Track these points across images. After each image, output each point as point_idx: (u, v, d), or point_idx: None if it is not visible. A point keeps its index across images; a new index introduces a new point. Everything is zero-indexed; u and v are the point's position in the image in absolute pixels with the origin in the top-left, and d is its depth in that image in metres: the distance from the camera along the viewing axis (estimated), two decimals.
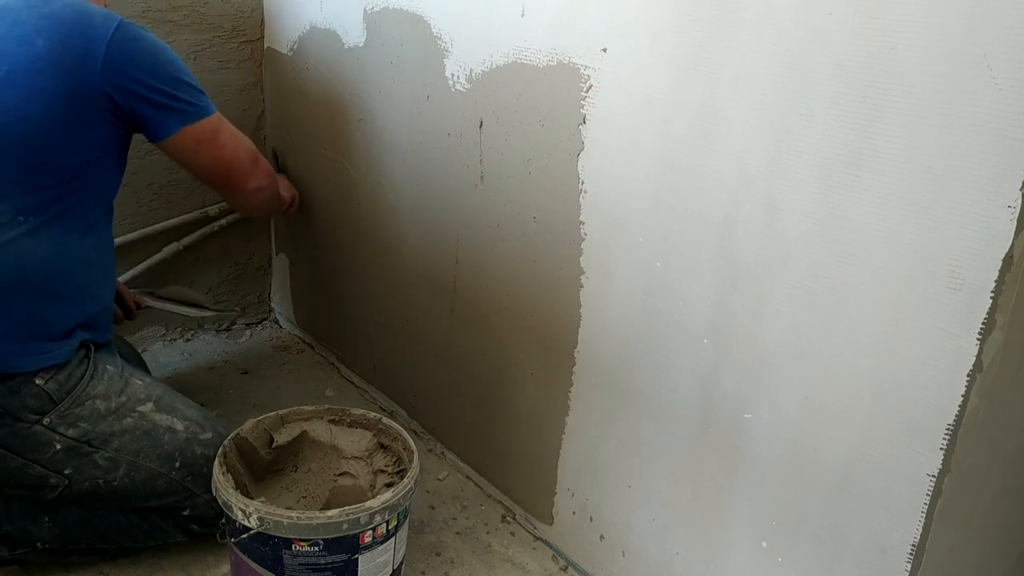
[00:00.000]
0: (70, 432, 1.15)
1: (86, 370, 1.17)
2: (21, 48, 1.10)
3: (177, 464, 1.21)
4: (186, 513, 1.25)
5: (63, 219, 1.16)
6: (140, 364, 1.54)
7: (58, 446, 1.14)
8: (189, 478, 1.22)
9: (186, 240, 1.87)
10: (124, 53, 1.15)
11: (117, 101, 1.16)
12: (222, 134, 1.30)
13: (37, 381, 1.12)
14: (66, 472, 1.16)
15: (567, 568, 1.34)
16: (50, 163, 1.13)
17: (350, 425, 1.28)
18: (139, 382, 1.24)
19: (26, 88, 1.10)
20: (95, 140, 1.16)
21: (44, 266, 1.14)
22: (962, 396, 0.80)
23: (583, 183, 1.15)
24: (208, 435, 1.25)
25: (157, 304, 1.66)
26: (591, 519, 1.28)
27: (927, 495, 0.84)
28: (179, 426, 1.23)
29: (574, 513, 1.31)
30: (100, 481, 1.18)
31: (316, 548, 1.06)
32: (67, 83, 1.11)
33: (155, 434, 1.20)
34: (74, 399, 1.15)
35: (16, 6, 1.14)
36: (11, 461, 1.13)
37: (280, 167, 1.91)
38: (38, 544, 1.20)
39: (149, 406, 1.22)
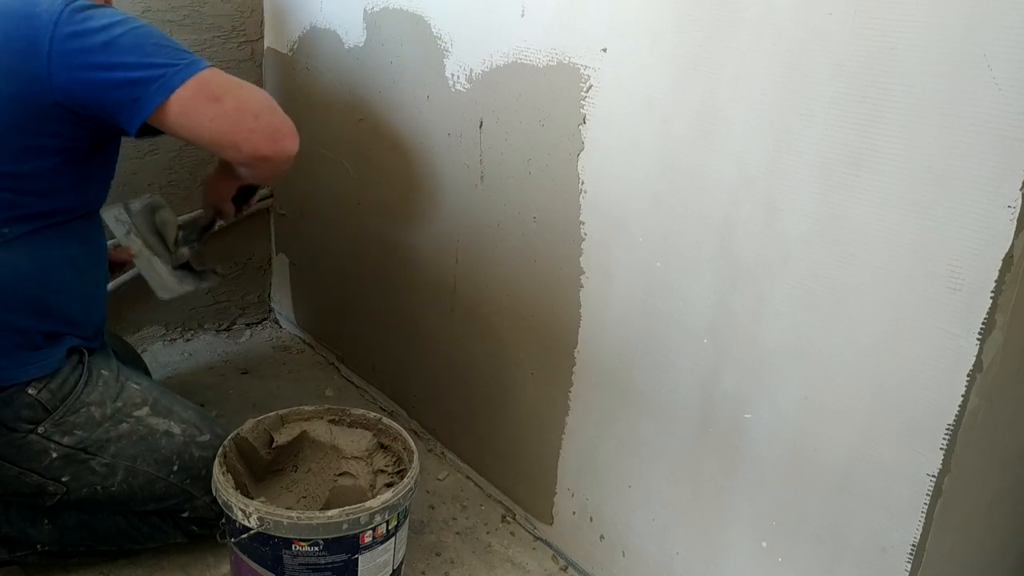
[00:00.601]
0: (65, 440, 1.13)
1: (80, 377, 1.15)
2: None
3: (175, 468, 1.20)
4: (185, 515, 1.24)
5: (40, 229, 1.10)
6: (139, 365, 1.54)
7: (54, 454, 1.13)
8: (188, 481, 1.21)
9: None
10: (72, 37, 1.00)
11: (76, 96, 1.02)
12: (218, 82, 1.08)
13: (29, 391, 1.10)
14: (63, 479, 1.15)
15: (567, 568, 1.34)
16: (12, 173, 1.04)
17: (350, 425, 1.28)
18: (135, 386, 1.22)
19: None
20: (57, 144, 1.05)
21: (26, 279, 1.09)
22: (962, 396, 0.80)
23: (583, 183, 1.15)
24: (206, 437, 1.23)
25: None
26: (591, 519, 1.28)
27: (927, 495, 0.84)
28: (176, 429, 1.21)
29: (574, 513, 1.31)
30: (98, 487, 1.17)
31: (316, 548, 1.06)
32: (13, 86, 1.00)
33: (152, 439, 1.19)
34: (68, 407, 1.13)
35: None
36: (8, 470, 1.13)
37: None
38: (38, 546, 1.20)
39: (145, 410, 1.20)
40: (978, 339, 0.78)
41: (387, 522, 1.09)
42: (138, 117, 1.04)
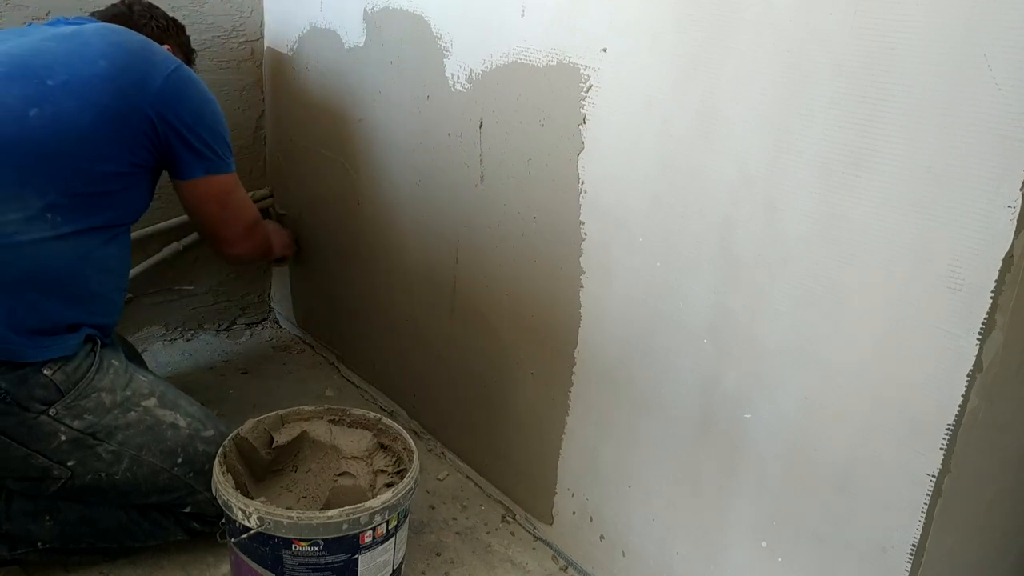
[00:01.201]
0: (75, 424, 1.15)
1: (92, 363, 1.18)
2: (84, 65, 1.19)
3: (179, 460, 1.22)
4: (187, 510, 1.25)
5: (89, 227, 1.20)
6: (140, 364, 1.55)
7: (63, 437, 1.15)
8: (191, 474, 1.23)
9: (186, 240, 1.86)
10: (177, 91, 1.25)
11: (158, 129, 1.23)
12: (234, 195, 1.41)
13: (45, 372, 1.13)
14: (69, 464, 1.16)
15: (567, 568, 1.34)
16: (89, 171, 1.18)
17: (350, 425, 1.28)
18: (143, 378, 1.26)
19: (82, 99, 1.17)
20: (131, 159, 1.23)
21: (64, 268, 1.18)
22: (962, 396, 0.80)
23: (583, 183, 1.15)
24: (210, 432, 1.26)
25: None
26: (591, 519, 1.28)
27: (927, 495, 0.84)
28: (182, 422, 1.24)
29: (574, 513, 1.31)
30: (102, 474, 1.18)
31: (316, 548, 1.06)
32: (120, 101, 1.20)
33: (158, 429, 1.21)
34: (80, 391, 1.16)
35: (88, 31, 1.25)
36: (15, 451, 1.14)
37: (283, 222, 1.94)
38: (39, 544, 1.20)
39: (153, 401, 1.23)
40: (978, 339, 0.78)
41: (387, 522, 1.09)
42: (181, 174, 1.32)
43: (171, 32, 1.51)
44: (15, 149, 1.13)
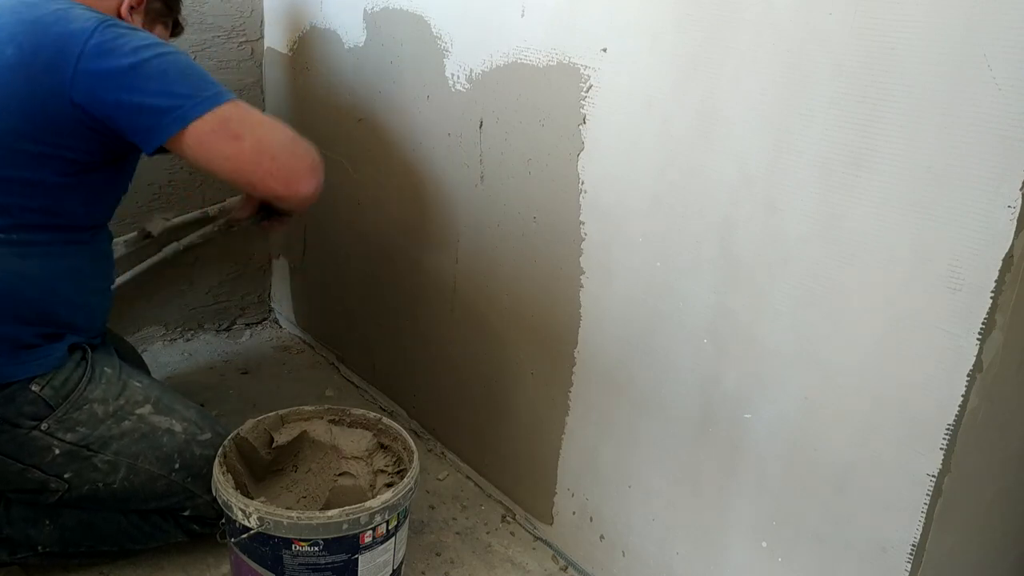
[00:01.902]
0: (68, 437, 1.14)
1: (83, 374, 1.16)
2: None
3: (176, 466, 1.20)
4: (187, 514, 1.25)
5: (49, 239, 1.12)
6: (139, 364, 1.54)
7: (57, 451, 1.13)
8: (189, 479, 1.22)
9: (186, 240, 1.86)
10: (100, 56, 1.02)
11: (93, 114, 1.04)
12: (245, 121, 1.08)
13: (33, 388, 1.11)
14: (66, 476, 1.15)
15: (567, 568, 1.34)
16: (20, 180, 1.06)
17: (350, 425, 1.28)
18: (137, 384, 1.23)
19: None
20: (68, 156, 1.07)
21: (31, 286, 1.11)
22: (962, 396, 0.80)
23: (583, 183, 1.15)
24: (207, 436, 1.24)
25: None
26: (591, 519, 1.28)
27: (927, 495, 0.84)
28: (178, 427, 1.22)
29: (574, 513, 1.31)
30: (100, 484, 1.17)
31: (316, 548, 1.06)
32: (35, 94, 1.03)
33: (154, 436, 1.19)
34: (71, 404, 1.14)
35: (3, 9, 1.07)
36: (10, 466, 1.13)
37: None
38: (39, 548, 1.20)
39: (147, 408, 1.21)
40: (978, 339, 0.78)
41: (387, 522, 1.09)
42: (151, 143, 1.07)
43: None
44: None
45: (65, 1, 1.09)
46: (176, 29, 1.36)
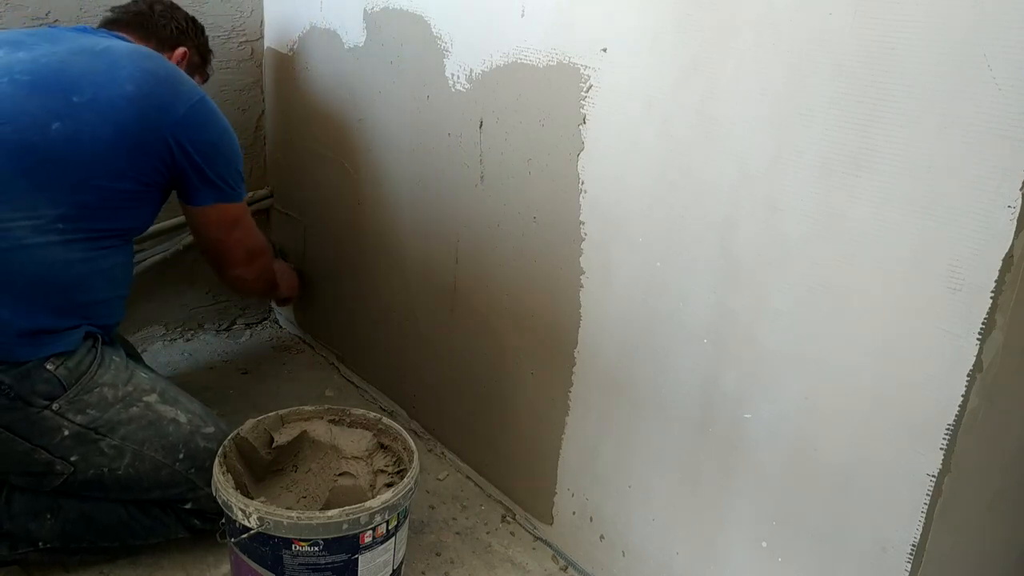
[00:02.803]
0: (78, 418, 1.16)
1: (95, 358, 1.20)
2: (112, 85, 1.22)
3: (181, 455, 1.22)
4: (188, 507, 1.26)
5: (98, 238, 1.22)
6: (141, 363, 1.54)
7: (66, 432, 1.16)
8: (192, 470, 1.23)
9: (186, 240, 1.86)
10: (197, 122, 1.28)
11: (175, 155, 1.26)
12: (241, 223, 1.44)
13: (48, 367, 1.14)
14: (72, 459, 1.17)
15: (567, 568, 1.34)
16: (102, 187, 1.21)
17: (350, 425, 1.28)
18: (144, 374, 1.27)
19: (104, 118, 1.20)
20: (144, 179, 1.26)
21: (71, 275, 1.19)
22: (962, 396, 0.80)
23: (583, 183, 1.15)
24: (211, 429, 1.26)
25: None
26: (591, 519, 1.28)
27: (927, 495, 0.84)
28: (183, 418, 1.24)
29: (574, 513, 1.31)
30: (105, 469, 1.19)
31: (316, 548, 1.06)
32: (141, 122, 1.23)
33: (160, 424, 1.22)
34: (83, 386, 1.17)
35: (119, 51, 1.28)
36: (19, 446, 1.15)
37: (285, 257, 1.96)
38: (40, 543, 1.20)
39: (154, 397, 1.24)
40: (978, 339, 0.78)
41: (387, 522, 1.09)
42: (189, 199, 1.35)
43: (189, 34, 1.51)
44: (32, 157, 1.15)
45: (175, 66, 1.37)
46: (206, 77, 1.63)
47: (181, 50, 1.48)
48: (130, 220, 1.29)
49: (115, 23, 1.44)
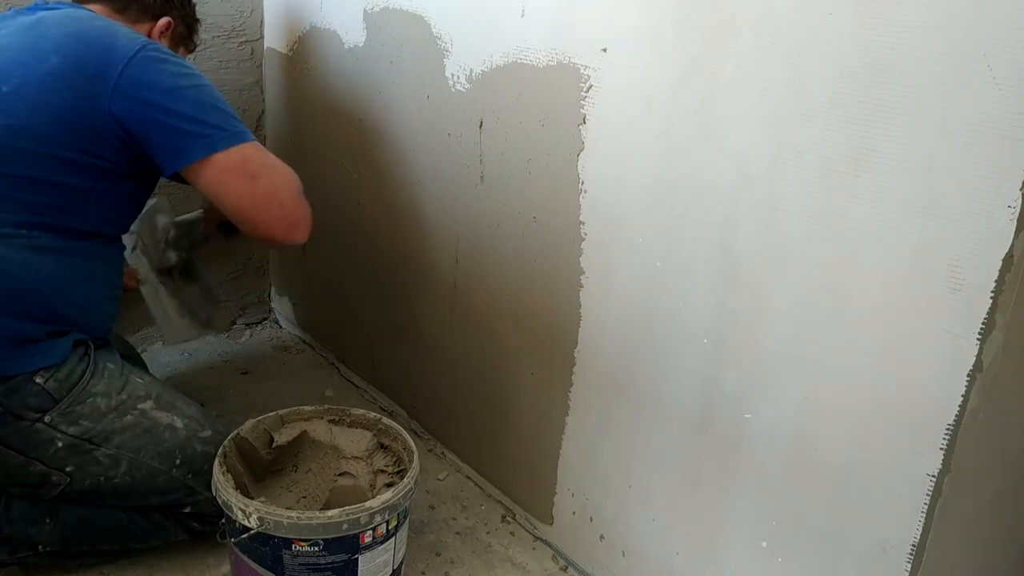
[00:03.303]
0: (71, 430, 1.14)
1: (87, 368, 1.17)
2: (37, 63, 1.08)
3: (177, 461, 1.21)
4: (187, 510, 1.25)
5: (69, 241, 1.14)
6: (140, 364, 1.54)
7: (59, 444, 1.14)
8: (189, 475, 1.22)
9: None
10: (143, 73, 1.09)
11: (127, 126, 1.10)
12: (262, 164, 1.15)
13: (37, 380, 1.11)
14: (67, 469, 1.16)
15: (567, 568, 1.34)
16: (52, 183, 1.10)
17: (350, 425, 1.28)
18: (139, 380, 1.24)
19: (33, 104, 1.08)
20: (100, 165, 1.11)
21: (44, 285, 1.12)
22: (962, 396, 0.80)
23: (583, 183, 1.15)
24: (208, 433, 1.25)
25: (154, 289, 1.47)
26: (591, 519, 1.28)
27: (927, 495, 0.84)
28: (179, 423, 1.23)
29: (574, 513, 1.31)
30: (101, 478, 1.18)
31: (316, 548, 1.06)
32: (75, 102, 1.08)
33: (155, 431, 1.20)
34: (75, 397, 1.14)
35: (48, 22, 1.13)
36: (13, 459, 1.13)
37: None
38: (39, 547, 1.20)
39: (149, 403, 1.22)
40: (978, 339, 0.78)
41: (387, 522, 1.09)
42: (174, 165, 1.13)
43: (174, 2, 1.36)
44: None
45: (109, 20, 1.18)
46: (193, 48, 1.48)
47: (165, 20, 1.32)
48: (101, 215, 1.16)
49: None
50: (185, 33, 1.42)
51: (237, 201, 1.15)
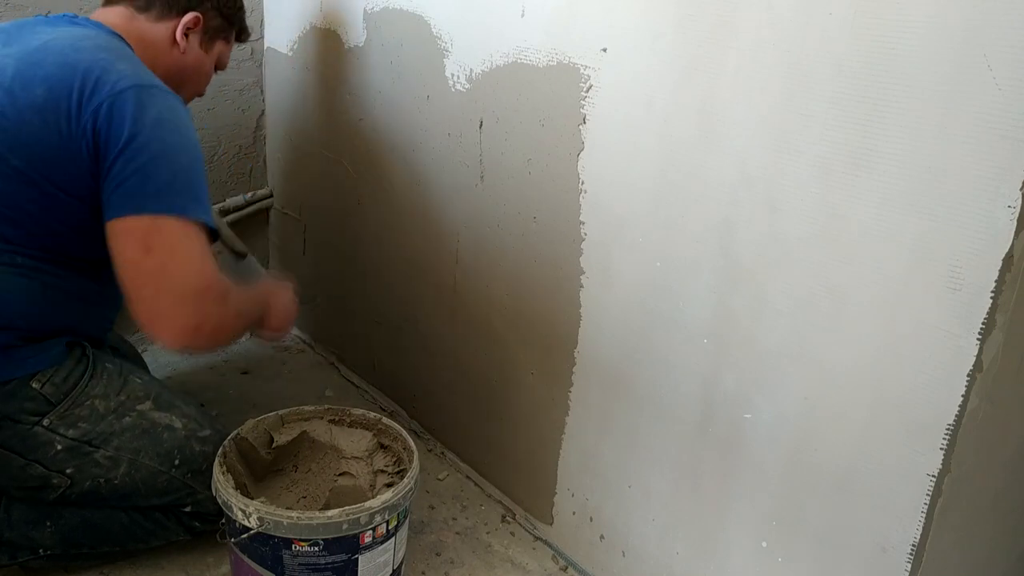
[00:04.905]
0: (70, 432, 1.14)
1: (84, 370, 1.17)
2: (24, 92, 1.05)
3: (177, 462, 1.21)
4: (188, 510, 1.25)
5: (56, 266, 1.13)
6: (140, 363, 1.54)
7: (59, 446, 1.14)
8: (189, 475, 1.22)
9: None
10: (120, 110, 1.03)
11: (99, 166, 1.04)
12: (175, 243, 1.01)
13: (33, 385, 1.11)
14: (67, 471, 1.16)
15: (567, 568, 1.34)
16: (35, 215, 1.08)
17: (350, 425, 1.28)
18: (138, 380, 1.24)
19: (11, 135, 1.05)
20: (80, 202, 1.08)
21: (34, 304, 1.12)
22: (962, 396, 0.80)
23: (583, 183, 1.15)
24: (207, 432, 1.24)
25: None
26: (591, 519, 1.28)
27: (927, 495, 0.84)
28: (178, 424, 1.22)
29: (574, 513, 1.31)
30: (101, 480, 1.18)
31: (316, 548, 1.06)
32: (54, 139, 1.04)
33: (154, 432, 1.20)
34: (73, 400, 1.14)
35: (53, 44, 1.09)
36: (13, 461, 1.13)
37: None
38: (40, 550, 1.20)
39: (148, 404, 1.21)
40: (978, 339, 0.78)
41: (387, 522, 1.09)
42: (105, 216, 1.05)
43: None
44: None
45: (114, 48, 1.12)
46: (242, 36, 1.40)
47: (191, 16, 1.24)
48: (87, 248, 1.12)
49: None
50: (221, 26, 1.32)
51: (121, 269, 1.02)
